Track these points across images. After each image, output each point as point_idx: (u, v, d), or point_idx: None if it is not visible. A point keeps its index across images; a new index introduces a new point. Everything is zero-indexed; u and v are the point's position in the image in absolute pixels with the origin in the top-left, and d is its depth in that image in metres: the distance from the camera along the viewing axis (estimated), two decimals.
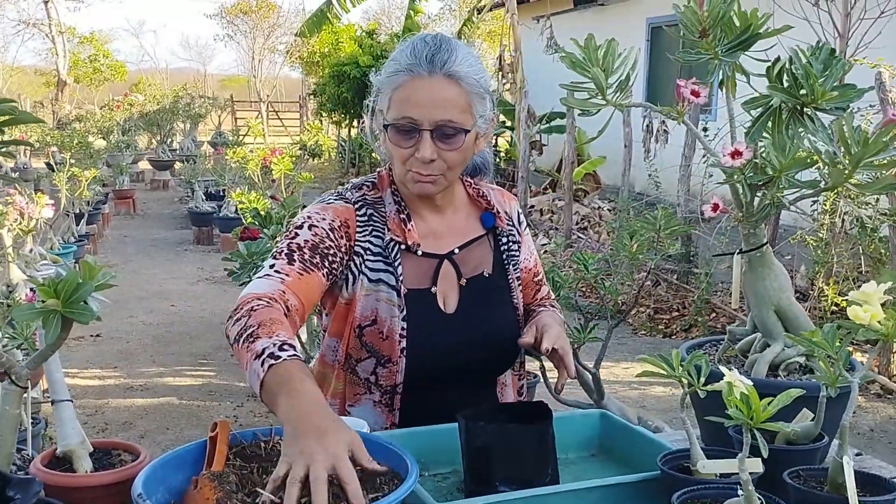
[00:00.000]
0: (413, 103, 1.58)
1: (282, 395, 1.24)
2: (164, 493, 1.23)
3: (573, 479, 1.50)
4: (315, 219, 1.67)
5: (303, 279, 1.58)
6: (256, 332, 1.37)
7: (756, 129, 1.53)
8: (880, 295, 1.23)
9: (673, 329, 6.20)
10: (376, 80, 1.67)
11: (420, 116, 1.58)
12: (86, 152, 10.85)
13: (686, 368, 1.36)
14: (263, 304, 1.47)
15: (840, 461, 1.24)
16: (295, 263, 1.59)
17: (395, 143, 1.62)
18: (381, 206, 1.72)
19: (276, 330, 1.37)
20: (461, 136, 1.61)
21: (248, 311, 1.44)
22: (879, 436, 4.34)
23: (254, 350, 1.33)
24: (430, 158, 1.59)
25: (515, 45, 9.71)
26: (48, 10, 25.87)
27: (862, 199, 5.03)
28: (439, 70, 1.59)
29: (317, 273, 1.61)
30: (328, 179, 14.75)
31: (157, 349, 5.76)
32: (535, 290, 1.89)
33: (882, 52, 5.24)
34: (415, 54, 1.60)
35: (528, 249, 1.88)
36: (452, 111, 1.59)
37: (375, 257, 1.68)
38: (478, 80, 1.63)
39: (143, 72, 35.40)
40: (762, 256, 1.67)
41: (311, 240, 1.63)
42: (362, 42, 15.67)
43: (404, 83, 1.59)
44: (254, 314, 1.42)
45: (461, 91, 1.60)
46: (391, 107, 1.62)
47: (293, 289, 1.56)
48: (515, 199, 1.92)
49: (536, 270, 1.89)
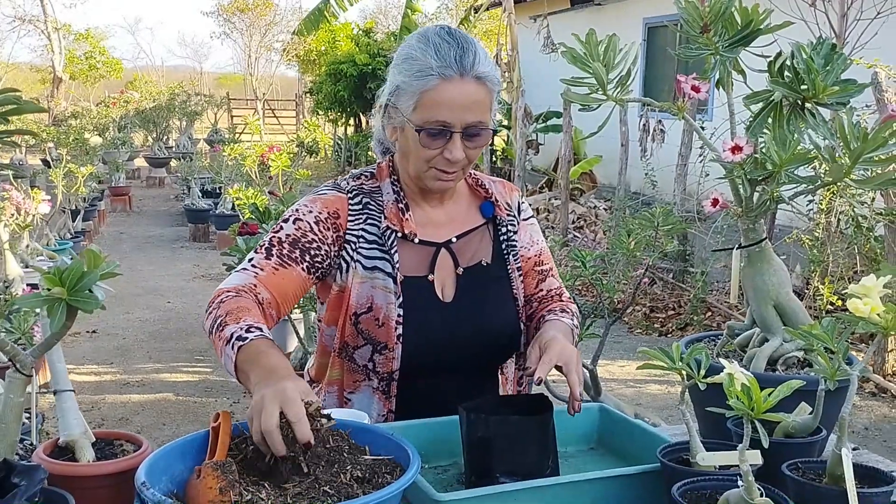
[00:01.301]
0: (446, 107, 1.60)
1: (252, 370, 1.35)
2: (167, 482, 1.23)
3: (572, 472, 1.51)
4: (302, 212, 1.70)
5: (277, 274, 1.63)
6: (224, 320, 1.48)
7: (757, 124, 1.54)
8: (880, 288, 1.23)
9: (669, 328, 6.21)
10: (397, 78, 1.65)
11: (452, 119, 1.60)
12: (82, 149, 10.84)
13: (686, 361, 1.37)
14: (232, 295, 1.56)
15: (839, 454, 1.25)
16: (272, 258, 1.65)
17: (424, 144, 1.63)
18: (379, 195, 1.74)
19: (243, 316, 1.48)
20: (487, 135, 1.65)
21: (217, 303, 1.55)
22: (874, 434, 4.36)
23: (223, 337, 1.45)
24: (459, 158, 1.63)
25: (512, 45, 9.74)
26: (44, 6, 25.80)
27: (858, 199, 5.05)
28: (469, 73, 1.60)
29: (294, 268, 1.65)
30: (324, 177, 14.73)
31: (154, 346, 5.76)
32: (537, 279, 1.85)
33: (878, 53, 5.26)
34: (441, 55, 1.60)
35: (530, 239, 1.86)
36: (480, 112, 1.62)
37: (370, 245, 1.70)
38: (497, 79, 1.67)
39: (139, 69, 35.35)
40: (761, 252, 1.68)
41: (293, 234, 1.67)
42: (359, 40, 15.69)
43: (435, 86, 1.59)
44: (222, 305, 1.53)
45: (487, 91, 1.63)
46: (418, 108, 1.62)
47: (265, 283, 1.62)
48: (517, 191, 1.92)
49: (539, 260, 1.86)
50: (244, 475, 1.23)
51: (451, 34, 1.64)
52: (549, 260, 1.89)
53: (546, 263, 1.88)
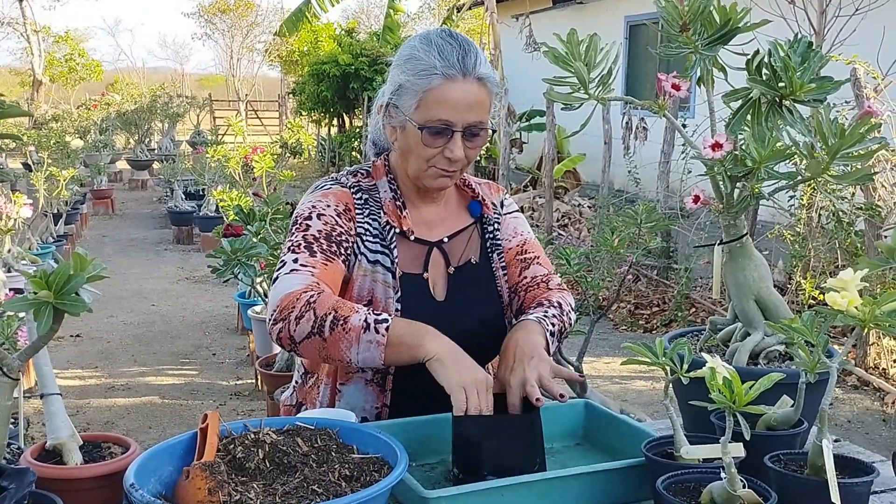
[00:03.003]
0: (448, 106, 1.63)
1: (425, 337, 1.50)
2: (155, 483, 1.24)
3: (559, 468, 1.52)
4: (320, 207, 1.72)
5: (328, 269, 1.65)
6: (339, 314, 1.50)
7: (736, 121, 1.56)
8: (857, 282, 1.25)
9: (653, 324, 6.25)
10: (400, 77, 1.68)
11: (454, 119, 1.64)
12: (63, 152, 10.75)
13: (669, 356, 1.39)
14: (316, 293, 1.55)
15: (820, 445, 1.27)
16: (317, 255, 1.65)
17: (426, 143, 1.66)
18: (376, 192, 1.78)
19: (354, 306, 1.53)
20: (486, 134, 1.69)
21: (306, 304, 1.53)
22: (856, 427, 4.41)
23: (354, 328, 1.49)
24: (460, 157, 1.66)
25: (495, 44, 9.75)
26: (23, 8, 25.57)
27: (838, 194, 5.10)
28: (471, 73, 1.64)
29: (337, 261, 1.67)
30: (309, 178, 14.70)
31: (138, 349, 5.73)
32: (520, 267, 1.85)
33: (856, 49, 5.31)
34: (444, 56, 1.64)
35: (513, 231, 1.88)
36: (480, 112, 1.66)
37: (374, 239, 1.73)
38: (496, 81, 1.70)
39: (120, 71, 35.10)
40: (742, 247, 1.70)
41: (323, 229, 1.69)
42: (341, 41, 15.65)
43: (438, 86, 1.63)
44: (317, 306, 1.52)
45: (487, 92, 1.67)
46: (421, 107, 1.65)
47: (323, 279, 1.62)
48: (502, 189, 1.96)
49: (522, 249, 1.87)
50: (232, 475, 1.24)
51: (452, 36, 1.68)
52: (535, 249, 1.89)
53: (531, 252, 1.88)
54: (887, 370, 5.00)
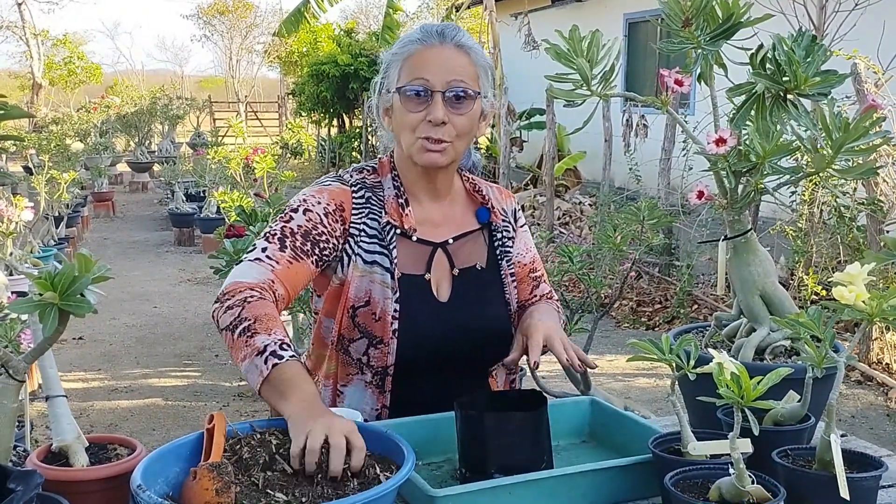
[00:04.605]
0: (425, 67, 1.66)
1: (290, 392, 1.36)
2: (162, 484, 1.24)
3: (565, 465, 1.51)
4: (310, 202, 1.71)
5: (292, 267, 1.63)
6: (254, 326, 1.45)
7: (740, 116, 1.56)
8: (864, 276, 1.25)
9: (656, 321, 6.25)
10: (385, 57, 1.74)
11: (432, 78, 1.65)
12: (64, 155, 10.76)
13: (676, 352, 1.38)
14: (257, 295, 1.53)
15: (828, 440, 1.27)
16: (286, 250, 1.64)
17: (406, 107, 1.66)
18: (380, 190, 1.76)
19: (273, 327, 1.46)
20: (471, 101, 1.68)
21: (241, 301, 1.51)
22: (861, 422, 4.40)
23: (254, 346, 1.42)
24: (441, 120, 1.64)
25: (494, 42, 9.74)
26: (21, 12, 25.57)
27: (840, 189, 5.09)
28: (449, 41, 1.68)
29: (306, 261, 1.65)
30: (309, 178, 14.69)
31: (141, 351, 5.73)
32: (532, 286, 1.90)
33: (857, 44, 5.30)
34: (424, 30, 1.71)
35: (525, 246, 1.89)
36: (462, 74, 1.67)
37: (371, 239, 1.71)
38: (483, 55, 1.72)
39: (119, 74, 35.10)
40: (747, 242, 1.69)
41: (304, 225, 1.67)
42: (340, 41, 15.65)
43: (416, 52, 1.68)
44: (248, 306, 1.50)
45: (470, 61, 1.69)
46: (401, 75, 1.68)
47: (282, 277, 1.61)
48: (514, 198, 1.94)
49: (533, 267, 1.90)
50: (240, 476, 1.23)
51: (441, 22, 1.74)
52: (540, 266, 1.94)
53: (539, 270, 1.93)
54: (890, 365, 4.99)
